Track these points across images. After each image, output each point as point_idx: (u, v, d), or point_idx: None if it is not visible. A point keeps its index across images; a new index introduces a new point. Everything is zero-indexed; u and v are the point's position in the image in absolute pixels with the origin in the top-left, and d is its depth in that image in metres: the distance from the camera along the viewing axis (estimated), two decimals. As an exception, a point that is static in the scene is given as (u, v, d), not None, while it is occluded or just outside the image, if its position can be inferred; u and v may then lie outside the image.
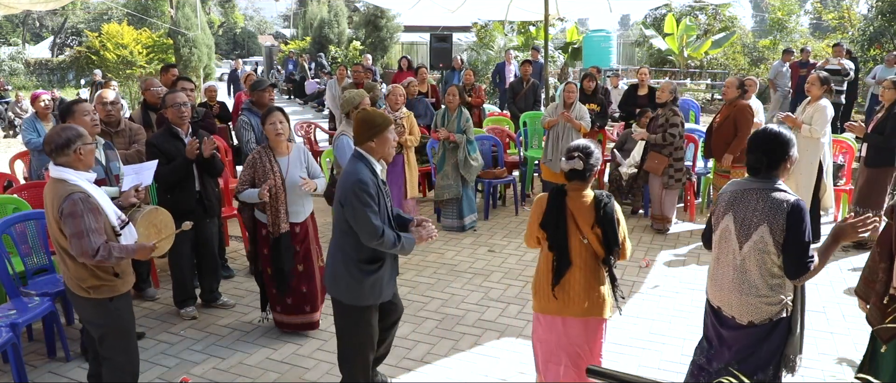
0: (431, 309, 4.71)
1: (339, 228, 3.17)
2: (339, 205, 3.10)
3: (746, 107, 6.03)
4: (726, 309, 2.79)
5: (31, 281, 4.23)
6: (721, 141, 6.03)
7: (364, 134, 3.12)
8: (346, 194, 3.05)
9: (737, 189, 2.77)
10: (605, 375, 1.92)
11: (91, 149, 3.02)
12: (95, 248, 2.86)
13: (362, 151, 3.15)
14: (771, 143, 2.66)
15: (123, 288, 3.15)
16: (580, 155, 2.94)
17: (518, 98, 9.14)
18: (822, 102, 5.79)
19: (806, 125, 5.78)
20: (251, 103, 5.20)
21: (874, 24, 14.08)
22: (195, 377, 3.82)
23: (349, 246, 3.14)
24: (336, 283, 3.21)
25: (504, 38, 19.04)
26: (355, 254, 3.14)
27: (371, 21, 25.00)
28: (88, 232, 2.85)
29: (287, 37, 32.31)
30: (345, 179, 3.08)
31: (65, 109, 4.08)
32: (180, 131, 4.38)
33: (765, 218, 2.61)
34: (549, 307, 3.08)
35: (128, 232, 3.12)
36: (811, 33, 22.91)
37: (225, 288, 5.02)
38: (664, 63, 19.58)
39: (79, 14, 33.64)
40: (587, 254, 2.99)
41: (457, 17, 9.77)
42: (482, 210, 7.16)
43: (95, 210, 2.92)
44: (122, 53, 21.10)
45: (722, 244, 2.79)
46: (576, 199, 2.98)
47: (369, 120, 3.13)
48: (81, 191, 2.91)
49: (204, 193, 4.50)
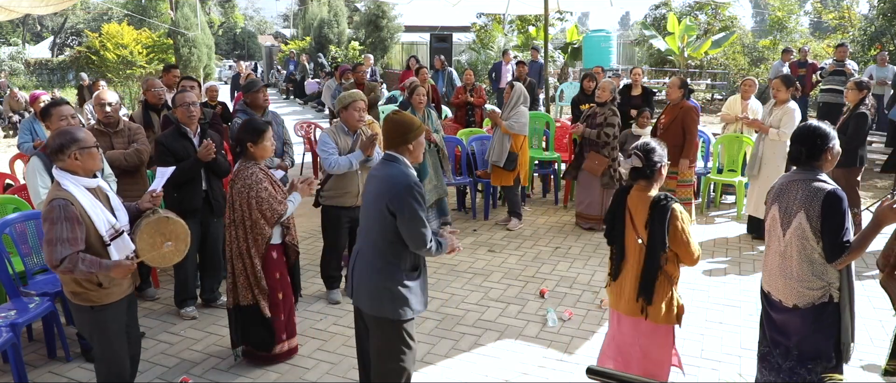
0: (431, 309, 4.71)
1: (385, 239, 2.89)
2: (388, 214, 2.84)
3: (692, 108, 6.08)
4: (774, 293, 2.93)
5: (31, 281, 4.24)
6: (671, 145, 5.99)
7: (398, 137, 2.96)
8: (400, 199, 2.82)
9: (784, 181, 2.93)
10: (605, 375, 1.92)
11: (90, 153, 2.93)
12: (59, 258, 2.78)
13: (397, 154, 2.97)
14: (808, 136, 2.84)
15: (107, 299, 3.02)
16: (638, 153, 2.96)
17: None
18: (790, 105, 5.87)
19: (773, 129, 5.84)
20: (245, 104, 5.18)
21: (874, 24, 14.08)
22: (195, 377, 3.82)
23: (394, 256, 2.91)
24: (379, 300, 2.93)
25: (504, 38, 19.04)
26: (400, 264, 2.92)
27: (371, 21, 25.00)
28: (57, 240, 2.78)
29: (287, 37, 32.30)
30: (393, 184, 2.85)
31: (43, 112, 4.07)
32: (189, 131, 4.38)
33: (802, 205, 2.76)
34: (610, 299, 3.21)
35: (120, 243, 2.98)
36: (811, 33, 22.90)
37: (225, 289, 5.01)
38: (664, 63, 19.57)
39: (79, 14, 33.66)
40: (642, 255, 2.97)
41: (457, 17, 9.82)
42: (482, 210, 7.16)
43: (74, 219, 2.81)
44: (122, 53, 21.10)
45: (770, 232, 2.96)
46: (637, 198, 3.01)
47: (406, 123, 2.97)
48: (64, 198, 2.84)
49: (211, 193, 4.50)
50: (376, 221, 2.91)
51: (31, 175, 3.74)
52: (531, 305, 4.76)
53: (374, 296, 2.95)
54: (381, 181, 2.92)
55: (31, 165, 3.82)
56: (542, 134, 8.06)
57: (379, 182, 2.94)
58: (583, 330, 4.35)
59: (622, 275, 3.08)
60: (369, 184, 3.03)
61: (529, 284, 5.15)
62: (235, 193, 3.62)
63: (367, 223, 3.00)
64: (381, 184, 2.92)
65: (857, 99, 5.65)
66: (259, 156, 3.68)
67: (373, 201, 2.93)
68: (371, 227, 2.95)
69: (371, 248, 2.96)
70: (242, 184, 3.59)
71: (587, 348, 4.12)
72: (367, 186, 3.05)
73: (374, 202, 2.92)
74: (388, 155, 2.99)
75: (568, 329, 4.38)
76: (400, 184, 2.84)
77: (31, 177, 3.74)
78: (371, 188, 3.00)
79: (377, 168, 3.04)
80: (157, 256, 3.11)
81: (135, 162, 4.54)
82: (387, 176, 2.91)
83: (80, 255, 2.82)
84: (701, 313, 4.59)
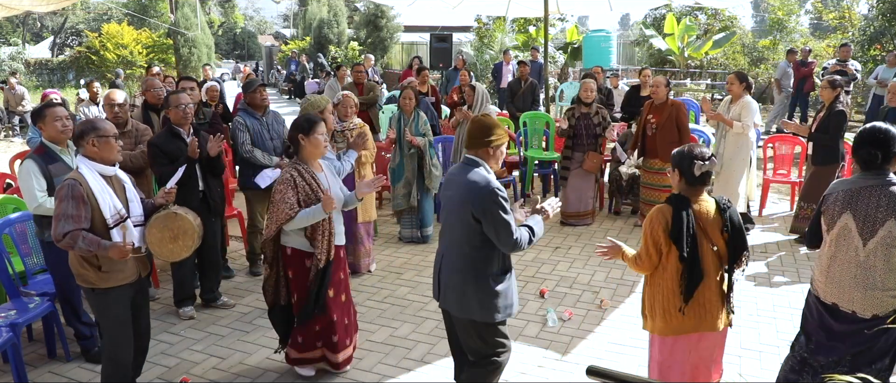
0: (431, 309, 4.71)
1: (470, 244, 2.87)
2: (473, 221, 2.81)
3: (683, 104, 6.19)
4: (845, 305, 2.83)
5: (31, 281, 4.24)
6: (667, 142, 6.04)
7: (480, 139, 2.90)
8: (484, 204, 2.77)
9: (851, 187, 2.81)
10: (605, 375, 1.92)
11: (106, 142, 3.12)
12: (62, 233, 2.98)
13: (477, 158, 2.92)
14: (884, 138, 2.73)
15: (105, 283, 3.14)
16: (713, 158, 2.87)
17: (516, 98, 9.14)
18: (745, 99, 5.98)
19: (737, 122, 5.92)
20: (246, 104, 5.19)
21: (874, 24, 14.07)
22: (195, 377, 3.82)
23: (481, 261, 2.88)
24: (467, 304, 2.92)
25: (505, 37, 19.03)
26: (488, 269, 2.89)
27: (371, 21, 25.02)
28: (63, 216, 2.99)
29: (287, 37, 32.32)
30: (475, 190, 2.80)
31: (35, 113, 4.08)
32: (182, 131, 4.38)
33: (891, 213, 2.69)
34: (682, 325, 2.88)
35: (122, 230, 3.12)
36: (811, 33, 22.90)
37: (225, 289, 5.02)
38: (664, 63, 19.57)
39: (79, 14, 33.65)
40: (717, 263, 2.90)
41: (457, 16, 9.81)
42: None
43: (80, 198, 3.01)
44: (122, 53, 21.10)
45: (840, 242, 2.83)
46: (700, 206, 2.88)
47: (489, 126, 2.91)
48: (75, 178, 3.05)
49: (208, 193, 4.50)
50: (461, 227, 2.88)
51: (26, 176, 3.72)
52: (531, 305, 4.76)
53: (462, 300, 2.93)
54: (462, 186, 2.86)
55: (24, 167, 3.75)
56: (542, 134, 8.06)
57: (459, 187, 2.88)
58: (583, 331, 4.35)
59: (700, 291, 2.84)
60: (448, 189, 2.99)
61: (529, 284, 5.15)
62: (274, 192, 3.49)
63: (450, 227, 2.96)
64: (461, 189, 2.86)
65: (832, 97, 5.75)
66: (310, 152, 3.45)
67: (455, 207, 2.89)
68: (455, 232, 2.92)
69: (457, 252, 2.93)
70: (278, 183, 3.44)
71: (587, 348, 4.12)
72: (447, 190, 3.00)
73: (457, 208, 2.88)
74: (468, 158, 2.93)
75: (568, 329, 4.38)
76: (482, 190, 2.79)
77: (25, 178, 3.72)
78: (451, 193, 2.94)
79: (456, 171, 2.96)
80: (165, 250, 3.29)
81: (140, 163, 4.55)
82: (467, 181, 2.84)
83: (81, 233, 2.99)
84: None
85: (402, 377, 3.83)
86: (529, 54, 13.73)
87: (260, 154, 4.97)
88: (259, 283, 5.25)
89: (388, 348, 4.17)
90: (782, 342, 4.10)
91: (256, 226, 5.30)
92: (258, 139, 5.02)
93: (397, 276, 5.40)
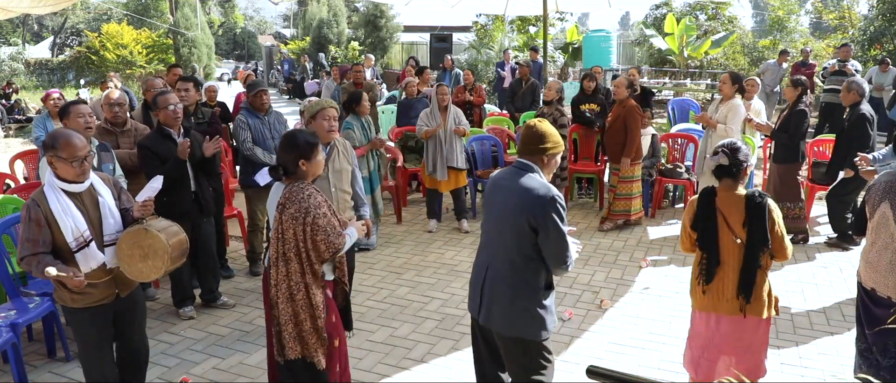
0: (431, 309, 4.71)
1: (522, 255, 2.69)
2: (529, 230, 2.64)
3: (635, 107, 6.10)
4: (882, 290, 2.99)
5: (31, 281, 4.23)
6: (614, 142, 6.07)
7: (534, 146, 2.77)
8: (542, 213, 2.61)
9: (890, 179, 3.00)
10: (605, 375, 1.91)
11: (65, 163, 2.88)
12: (20, 256, 2.89)
13: (531, 163, 2.77)
14: None
15: (74, 304, 3.01)
16: (725, 150, 2.96)
17: (517, 98, 9.15)
18: (735, 101, 6.00)
19: (721, 125, 5.93)
20: (249, 103, 5.22)
21: (874, 24, 14.07)
22: (195, 377, 3.82)
23: (532, 273, 2.72)
24: (516, 322, 2.75)
25: (505, 37, 19.01)
26: (537, 283, 2.74)
27: (370, 21, 25.01)
28: (22, 238, 2.89)
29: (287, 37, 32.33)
30: (535, 197, 2.63)
31: (62, 111, 4.09)
32: (172, 132, 4.37)
33: None
34: (702, 303, 3.09)
35: (89, 253, 2.95)
36: (811, 33, 22.89)
37: (225, 289, 5.02)
38: (664, 63, 19.57)
39: (79, 14, 33.66)
40: (741, 253, 2.97)
41: (456, 16, 9.81)
42: (482, 210, 7.15)
43: (37, 221, 2.86)
44: (122, 53, 21.10)
45: (879, 230, 3.00)
46: (726, 198, 2.98)
47: (545, 135, 2.77)
48: (35, 198, 2.91)
49: (200, 193, 4.49)
50: (513, 236, 2.69)
51: (46, 172, 3.78)
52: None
53: (511, 317, 2.75)
54: (516, 192, 2.69)
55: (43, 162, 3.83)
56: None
57: (512, 193, 2.71)
58: (583, 331, 4.35)
59: (718, 277, 3.00)
60: (497, 194, 2.80)
61: (529, 284, 5.15)
62: (287, 220, 2.88)
63: (498, 235, 2.77)
64: (515, 195, 2.69)
65: (795, 96, 5.81)
66: (312, 172, 3.05)
67: (508, 214, 2.70)
68: (506, 242, 2.73)
69: (507, 265, 2.75)
70: (298, 208, 2.86)
71: (587, 348, 4.12)
72: (494, 196, 2.82)
73: (510, 215, 2.69)
74: (521, 163, 2.78)
75: (568, 329, 4.38)
76: (544, 198, 2.62)
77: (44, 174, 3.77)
78: (501, 198, 2.77)
79: (506, 176, 2.79)
80: (135, 270, 3.00)
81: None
82: (523, 187, 2.68)
83: (38, 257, 2.85)
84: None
85: (403, 376, 3.83)
86: (528, 55, 13.72)
87: (260, 152, 5.02)
88: (259, 283, 5.27)
89: (387, 348, 4.17)
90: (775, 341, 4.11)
91: (257, 225, 5.32)
92: (259, 137, 5.07)
93: (397, 276, 5.40)
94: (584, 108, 7.56)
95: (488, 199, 2.88)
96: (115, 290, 3.11)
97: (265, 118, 5.14)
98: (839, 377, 3.69)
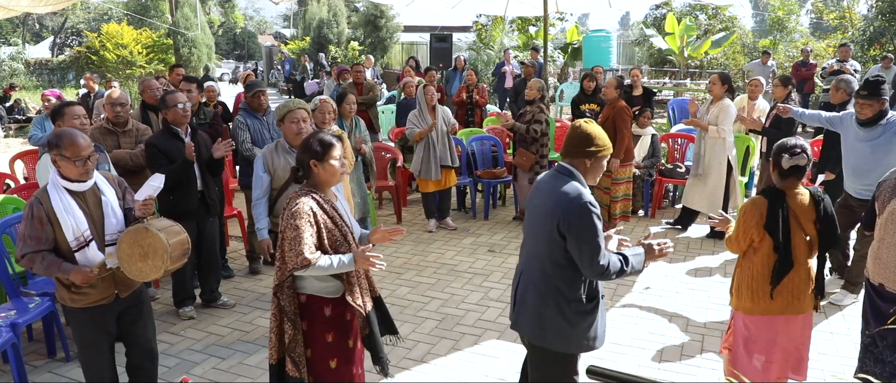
0: (431, 309, 4.71)
1: (553, 261, 2.60)
2: (558, 235, 2.55)
3: (624, 108, 6.10)
4: (889, 286, 3.04)
5: (31, 281, 4.23)
6: None
7: (580, 147, 2.64)
8: (572, 218, 2.51)
9: None
10: (605, 375, 1.91)
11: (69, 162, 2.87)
12: (20, 254, 2.90)
13: (572, 167, 2.64)
14: None
15: (75, 304, 3.00)
16: (803, 151, 2.95)
17: (520, 98, 9.15)
18: (725, 102, 5.97)
19: (712, 126, 5.93)
20: (248, 104, 5.23)
21: (874, 24, 14.08)
22: (195, 377, 3.82)
23: (564, 282, 2.61)
24: (543, 330, 2.66)
25: (505, 37, 19.02)
26: (570, 293, 2.62)
27: (370, 21, 25.02)
28: (23, 236, 2.90)
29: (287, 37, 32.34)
30: (565, 201, 2.54)
31: (55, 111, 4.09)
32: (180, 131, 4.38)
33: None
34: (770, 307, 3.00)
35: (89, 252, 2.94)
36: (811, 33, 22.91)
37: (225, 289, 5.02)
38: (664, 63, 19.58)
39: (79, 14, 33.67)
40: (808, 252, 3.02)
41: (457, 16, 9.80)
42: (482, 210, 7.17)
43: (39, 219, 2.87)
44: (122, 53, 21.10)
45: (887, 226, 3.06)
46: (795, 198, 3.00)
47: (589, 136, 2.64)
48: (38, 196, 2.91)
49: (206, 192, 4.50)
50: (544, 241, 2.62)
51: (43, 172, 3.78)
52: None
53: (537, 324, 2.67)
54: (551, 196, 2.60)
55: (42, 162, 3.86)
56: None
57: (547, 196, 2.62)
58: (583, 330, 4.35)
59: (788, 278, 2.96)
60: (536, 197, 2.72)
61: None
62: (282, 223, 2.78)
63: (533, 241, 2.71)
64: (550, 199, 2.60)
65: (784, 95, 5.81)
66: (325, 180, 2.81)
67: (541, 218, 2.63)
68: (538, 247, 2.66)
69: (538, 271, 2.67)
70: (288, 213, 2.70)
71: (587, 348, 4.12)
72: (533, 199, 2.74)
73: (542, 219, 2.62)
74: (562, 166, 2.67)
75: (568, 329, 4.38)
76: (574, 202, 2.52)
77: (44, 174, 3.77)
78: (538, 202, 2.69)
79: (547, 179, 2.70)
80: (134, 269, 2.94)
81: (141, 161, 4.55)
82: (557, 191, 2.58)
83: (40, 255, 2.88)
84: (702, 313, 4.58)
85: (403, 377, 3.83)
86: (529, 54, 13.72)
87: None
88: (259, 283, 5.28)
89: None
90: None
91: (256, 225, 5.31)
92: (258, 137, 5.08)
93: (397, 276, 5.40)
94: (584, 108, 7.57)
95: (529, 203, 2.82)
96: (115, 291, 3.09)
97: (264, 118, 5.15)
98: (839, 377, 3.69)
